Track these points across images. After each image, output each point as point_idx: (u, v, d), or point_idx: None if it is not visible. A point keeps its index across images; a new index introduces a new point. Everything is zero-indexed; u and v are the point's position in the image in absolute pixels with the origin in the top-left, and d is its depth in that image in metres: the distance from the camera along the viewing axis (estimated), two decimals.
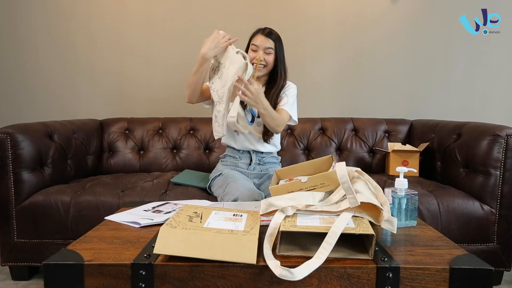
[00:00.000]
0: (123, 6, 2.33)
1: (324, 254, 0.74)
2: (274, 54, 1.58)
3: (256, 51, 1.57)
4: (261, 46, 1.56)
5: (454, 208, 1.54)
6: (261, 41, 1.57)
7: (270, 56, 1.58)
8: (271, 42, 1.57)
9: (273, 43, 1.57)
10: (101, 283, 0.76)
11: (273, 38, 1.58)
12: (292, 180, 1.06)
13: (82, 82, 2.39)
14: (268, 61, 1.58)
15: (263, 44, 1.56)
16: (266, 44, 1.56)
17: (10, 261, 1.56)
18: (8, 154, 1.51)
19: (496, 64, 2.33)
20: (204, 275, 0.75)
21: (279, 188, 1.01)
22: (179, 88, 2.39)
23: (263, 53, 1.56)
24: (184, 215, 0.89)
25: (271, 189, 1.01)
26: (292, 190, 0.99)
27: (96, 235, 0.93)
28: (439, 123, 1.97)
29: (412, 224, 1.02)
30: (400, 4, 2.33)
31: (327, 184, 0.98)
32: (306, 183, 0.98)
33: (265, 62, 1.58)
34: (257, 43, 1.57)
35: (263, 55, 1.56)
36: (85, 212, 1.52)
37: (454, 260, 0.77)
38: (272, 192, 1.00)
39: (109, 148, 2.11)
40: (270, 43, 1.57)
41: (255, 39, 1.59)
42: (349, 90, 2.41)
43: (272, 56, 1.58)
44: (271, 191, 1.01)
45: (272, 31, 1.60)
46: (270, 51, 1.57)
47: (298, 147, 2.13)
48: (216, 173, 1.62)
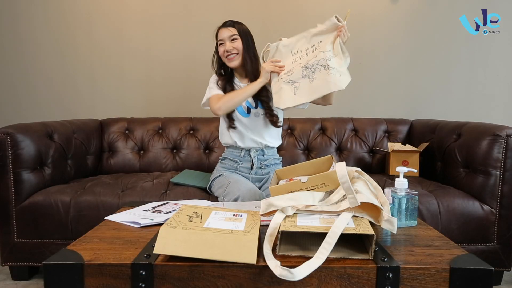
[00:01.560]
0: (124, 6, 2.33)
1: (324, 254, 0.74)
2: (240, 38, 1.58)
3: (223, 44, 1.59)
4: (225, 37, 1.58)
5: (454, 208, 1.54)
6: (223, 34, 1.58)
7: (238, 41, 1.58)
8: (232, 29, 1.58)
9: (235, 29, 1.58)
10: (101, 283, 0.76)
11: (233, 25, 1.60)
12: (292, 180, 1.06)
13: (82, 82, 2.39)
14: (238, 48, 1.58)
15: (225, 34, 1.58)
16: (228, 33, 1.58)
17: (10, 261, 1.56)
18: (8, 154, 1.51)
19: (496, 64, 2.33)
20: (204, 275, 0.75)
21: (279, 188, 1.01)
22: (179, 88, 2.39)
23: (230, 42, 1.57)
24: (184, 215, 0.89)
25: (271, 189, 1.01)
26: (292, 190, 0.99)
27: (96, 235, 0.93)
28: (439, 123, 1.97)
29: (412, 224, 1.02)
30: (400, 4, 2.33)
31: (327, 184, 0.98)
32: (306, 183, 0.98)
33: (236, 50, 1.57)
34: (221, 37, 1.59)
35: (230, 44, 1.57)
36: (85, 212, 1.52)
37: (454, 260, 0.77)
38: (272, 192, 1.00)
39: (109, 148, 2.11)
40: (232, 31, 1.58)
41: (218, 35, 1.61)
42: (349, 90, 2.40)
43: (239, 42, 1.58)
44: (271, 191, 1.01)
45: (230, 21, 1.62)
46: (235, 37, 1.58)
47: (298, 147, 2.13)
48: (217, 174, 1.62)
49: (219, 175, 1.60)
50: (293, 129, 2.16)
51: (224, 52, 1.58)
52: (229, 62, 1.60)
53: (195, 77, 2.35)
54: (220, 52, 1.60)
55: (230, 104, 1.54)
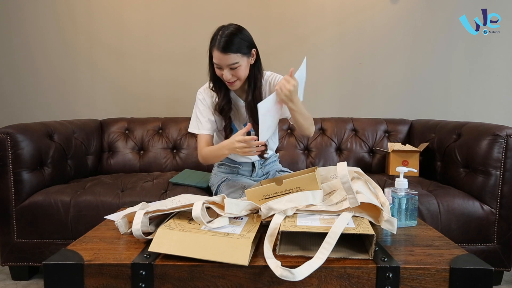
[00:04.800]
0: (124, 5, 2.33)
1: (325, 254, 0.74)
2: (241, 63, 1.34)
3: (221, 69, 1.35)
4: (223, 65, 1.32)
5: (454, 208, 1.54)
6: (220, 60, 1.32)
7: (239, 69, 1.34)
8: (232, 56, 1.30)
9: (235, 55, 1.30)
10: (101, 283, 0.76)
11: (233, 50, 1.30)
12: None
13: (83, 82, 2.39)
14: (239, 75, 1.35)
15: (223, 62, 1.32)
16: (227, 61, 1.31)
17: (10, 261, 1.56)
18: (8, 154, 1.51)
19: (496, 64, 2.33)
20: (204, 275, 0.75)
21: (255, 191, 1.00)
22: (180, 88, 2.39)
23: (229, 70, 1.34)
24: (185, 217, 0.89)
25: (246, 192, 1.00)
26: (267, 193, 0.99)
27: (96, 235, 0.93)
28: (439, 123, 1.97)
29: (412, 224, 1.02)
30: (400, 4, 2.33)
31: (302, 188, 0.97)
32: (281, 187, 0.98)
33: (237, 77, 1.36)
34: (218, 62, 1.33)
35: (229, 72, 1.34)
36: (85, 212, 1.52)
37: (454, 260, 0.77)
38: (248, 195, 1.00)
39: (109, 148, 2.11)
40: (231, 59, 1.30)
41: (214, 55, 1.33)
42: (349, 90, 2.41)
43: (240, 68, 1.34)
44: (246, 194, 1.00)
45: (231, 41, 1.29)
46: (235, 66, 1.32)
47: (298, 147, 2.12)
48: (221, 179, 1.54)
49: (224, 179, 1.53)
50: (293, 129, 2.16)
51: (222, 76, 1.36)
52: (230, 86, 1.41)
53: (195, 77, 2.34)
54: (217, 73, 1.38)
55: (211, 161, 1.48)
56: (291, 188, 0.98)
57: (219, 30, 1.34)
